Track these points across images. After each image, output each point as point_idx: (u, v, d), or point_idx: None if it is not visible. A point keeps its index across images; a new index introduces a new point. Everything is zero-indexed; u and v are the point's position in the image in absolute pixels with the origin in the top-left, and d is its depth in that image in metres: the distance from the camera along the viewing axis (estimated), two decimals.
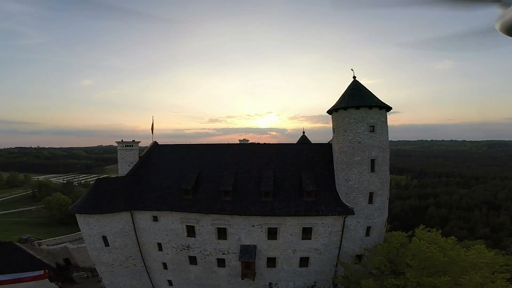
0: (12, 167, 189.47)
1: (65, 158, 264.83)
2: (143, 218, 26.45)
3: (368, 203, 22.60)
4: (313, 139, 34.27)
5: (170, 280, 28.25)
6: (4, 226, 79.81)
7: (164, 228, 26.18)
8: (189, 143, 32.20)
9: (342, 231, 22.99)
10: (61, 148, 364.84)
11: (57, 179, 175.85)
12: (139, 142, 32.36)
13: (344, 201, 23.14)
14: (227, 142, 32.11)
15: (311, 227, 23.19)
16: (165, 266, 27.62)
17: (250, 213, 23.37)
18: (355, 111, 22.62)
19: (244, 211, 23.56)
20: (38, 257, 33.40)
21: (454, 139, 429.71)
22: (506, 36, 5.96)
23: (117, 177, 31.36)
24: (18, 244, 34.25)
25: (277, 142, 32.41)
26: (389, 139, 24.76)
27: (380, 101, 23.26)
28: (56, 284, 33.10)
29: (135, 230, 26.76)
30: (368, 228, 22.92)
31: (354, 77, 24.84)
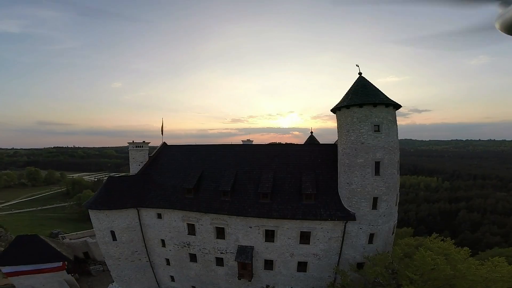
0: (50, 166, 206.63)
1: (97, 157, 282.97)
2: (148, 215, 27.38)
3: (372, 209, 21.07)
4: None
5: (173, 276, 29.04)
6: (40, 220, 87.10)
7: (167, 225, 26.90)
8: (194, 144, 32.71)
9: (343, 237, 21.76)
10: (94, 147, 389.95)
11: (89, 177, 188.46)
12: (149, 143, 33.59)
13: (345, 206, 21.87)
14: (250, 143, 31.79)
15: (310, 232, 22.26)
16: (168, 262, 28.42)
17: (247, 214, 23.08)
18: (358, 109, 21.24)
19: (241, 212, 23.33)
20: (58, 249, 35.61)
21: (493, 139, 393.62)
22: (506, 35, 5.75)
23: (127, 175, 32.70)
24: (41, 236, 36.83)
25: (298, 142, 31.51)
26: (420, 139, 23.02)
27: (387, 97, 21.67)
28: (72, 276, 35.19)
29: (141, 226, 27.78)
30: (372, 235, 21.42)
31: (360, 73, 23.42)
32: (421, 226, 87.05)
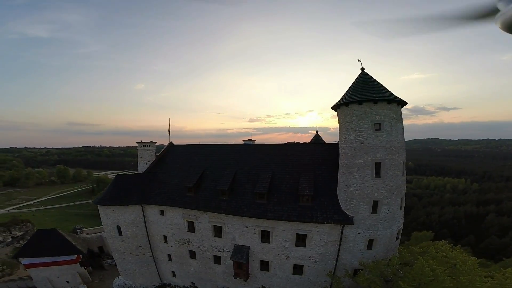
0: (78, 164, 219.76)
1: (121, 156, 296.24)
2: (152, 211, 28.27)
3: (371, 213, 19.83)
4: None
5: (174, 272, 29.81)
6: (66, 216, 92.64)
7: (169, 222, 27.64)
8: (198, 143, 33.09)
9: (340, 241, 20.78)
10: (119, 147, 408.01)
11: (113, 175, 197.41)
12: (156, 142, 34.58)
13: (343, 209, 20.85)
14: (267, 142, 31.54)
15: (306, 234, 21.56)
16: (169, 257, 29.23)
17: (243, 214, 22.93)
18: (357, 106, 20.05)
19: (237, 211, 23.24)
20: (74, 243, 37.56)
21: None
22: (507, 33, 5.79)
23: (134, 174, 33.81)
24: (59, 230, 39.04)
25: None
26: (448, 138, 21.21)
27: (390, 93, 20.12)
28: (86, 269, 36.97)
29: (145, 222, 28.76)
30: (371, 241, 20.24)
31: (362, 68, 22.17)
32: (443, 229, 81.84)
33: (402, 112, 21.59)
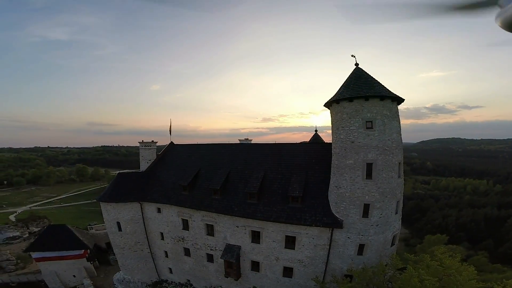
0: (96, 163, 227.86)
1: (138, 155, 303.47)
2: (150, 209, 29.03)
3: (362, 217, 18.93)
4: None
5: (171, 268, 30.46)
6: (81, 214, 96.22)
7: (166, 219, 28.25)
8: (196, 143, 33.29)
9: (330, 245, 20.10)
10: (135, 146, 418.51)
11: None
12: (156, 142, 35.24)
13: (333, 212, 20.07)
14: (280, 141, 31.30)
15: (295, 236, 21.08)
16: (166, 254, 29.85)
17: (233, 213, 22.93)
18: (348, 104, 19.12)
19: (228, 210, 23.27)
20: (81, 239, 38.98)
21: None
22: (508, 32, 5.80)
23: (134, 172, 34.64)
24: (68, 226, 40.68)
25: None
26: (469, 138, 19.79)
27: (383, 89, 18.90)
28: (92, 263, 38.28)
29: (143, 219, 29.55)
30: (362, 246, 19.38)
31: (357, 64, 21.17)
32: (460, 233, 77.74)
33: (421, 111, 20.56)
